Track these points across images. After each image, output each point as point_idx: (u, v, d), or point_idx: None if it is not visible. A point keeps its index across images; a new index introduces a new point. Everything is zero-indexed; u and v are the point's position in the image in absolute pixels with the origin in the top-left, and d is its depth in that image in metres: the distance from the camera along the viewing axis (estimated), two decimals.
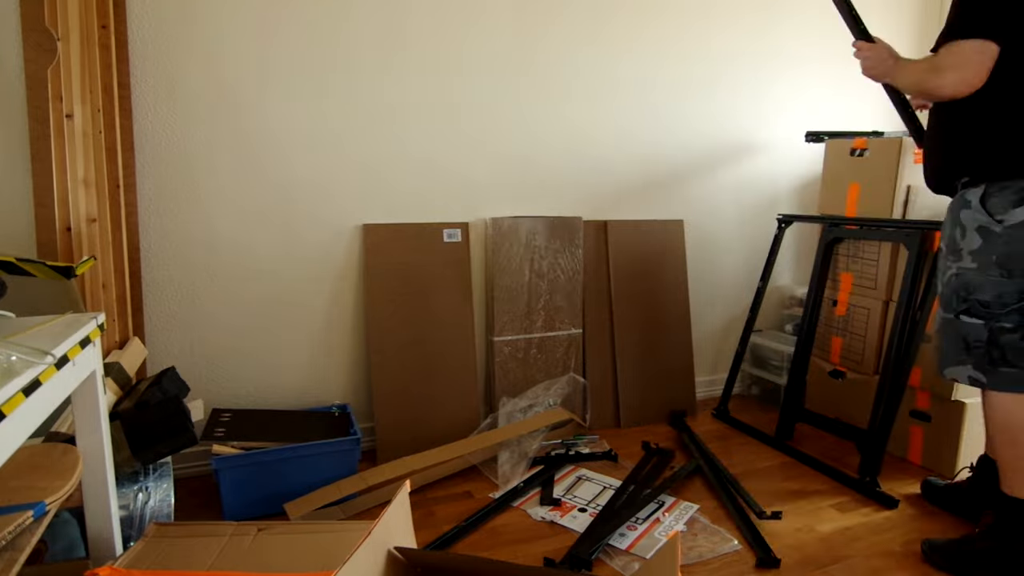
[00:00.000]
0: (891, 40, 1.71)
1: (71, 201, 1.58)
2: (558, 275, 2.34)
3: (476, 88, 2.20)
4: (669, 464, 2.06)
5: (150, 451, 1.46)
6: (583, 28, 2.32)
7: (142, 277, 1.88)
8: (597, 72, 2.37)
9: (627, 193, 2.50)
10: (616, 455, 2.13)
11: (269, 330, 2.06)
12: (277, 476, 1.73)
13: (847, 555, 1.61)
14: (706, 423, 2.46)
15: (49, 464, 1.12)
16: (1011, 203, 1.42)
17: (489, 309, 2.30)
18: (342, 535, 1.24)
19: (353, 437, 1.82)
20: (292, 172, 2.01)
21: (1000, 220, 1.42)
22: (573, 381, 2.31)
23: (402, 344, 2.14)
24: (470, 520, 1.72)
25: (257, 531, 1.26)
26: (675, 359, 2.52)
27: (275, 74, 1.95)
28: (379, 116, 2.09)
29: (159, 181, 1.88)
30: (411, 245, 2.17)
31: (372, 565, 1.03)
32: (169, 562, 1.15)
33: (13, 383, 0.81)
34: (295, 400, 2.12)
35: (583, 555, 1.52)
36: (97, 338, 1.13)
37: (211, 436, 1.75)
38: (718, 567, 1.55)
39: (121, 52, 1.75)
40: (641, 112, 2.46)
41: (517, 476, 1.96)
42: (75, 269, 1.40)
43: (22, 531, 0.96)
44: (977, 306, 1.47)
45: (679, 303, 2.54)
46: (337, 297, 2.13)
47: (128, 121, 1.79)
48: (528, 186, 2.34)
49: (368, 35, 2.04)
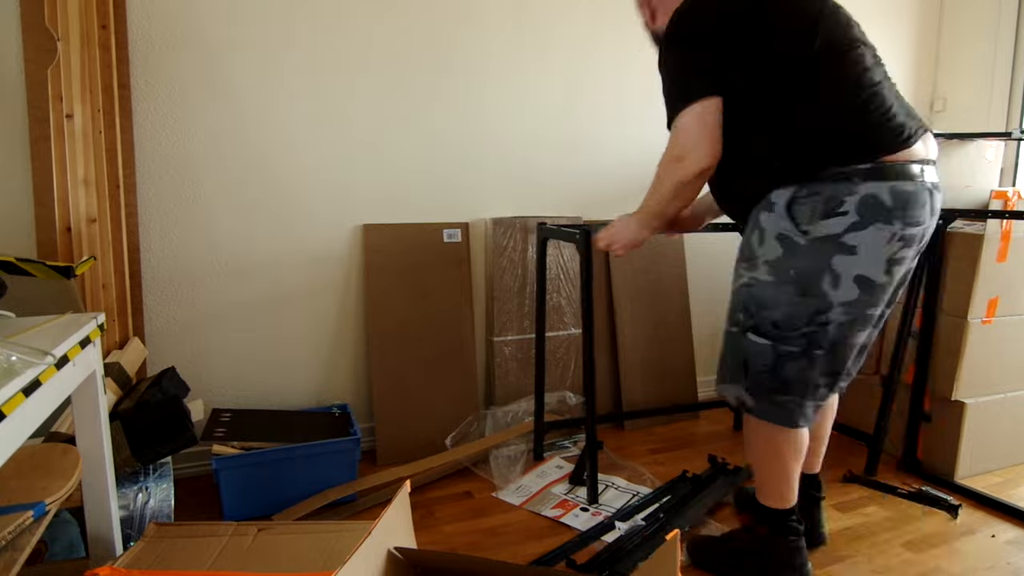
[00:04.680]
0: (887, 47, 1.70)
1: (71, 201, 1.58)
2: (558, 275, 2.34)
3: (476, 88, 2.20)
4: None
5: (150, 451, 1.46)
6: (584, 28, 2.32)
7: (142, 277, 1.88)
8: (598, 72, 2.36)
9: (627, 193, 2.49)
10: (601, 443, 2.10)
11: (269, 330, 2.06)
12: (277, 476, 1.73)
13: (847, 555, 1.61)
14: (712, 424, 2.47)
15: (49, 464, 1.12)
16: (820, 212, 1.26)
17: (489, 309, 2.30)
18: (342, 535, 1.24)
19: (353, 437, 1.82)
20: (292, 172, 2.01)
21: (805, 231, 1.27)
22: (563, 398, 2.29)
23: (402, 344, 2.14)
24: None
25: (257, 531, 1.26)
26: (676, 358, 2.52)
27: (275, 74, 1.95)
28: (379, 116, 2.09)
29: (159, 181, 1.88)
30: (411, 245, 2.17)
31: (372, 565, 1.03)
32: (169, 562, 1.15)
33: (13, 383, 0.81)
34: (295, 400, 2.12)
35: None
36: (97, 338, 1.13)
37: (211, 436, 1.75)
38: None
39: (121, 52, 1.75)
40: (641, 112, 2.46)
41: (515, 476, 1.97)
42: (75, 269, 1.40)
43: (22, 531, 0.96)
44: (767, 325, 1.33)
45: (679, 302, 2.54)
46: (337, 297, 2.13)
47: (128, 121, 1.79)
48: (529, 186, 2.34)
49: (369, 36, 2.04)
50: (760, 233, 1.33)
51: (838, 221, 1.25)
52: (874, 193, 1.23)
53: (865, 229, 1.24)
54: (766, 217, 1.32)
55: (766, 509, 1.47)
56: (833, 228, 1.25)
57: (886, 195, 1.23)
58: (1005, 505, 1.82)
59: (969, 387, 1.97)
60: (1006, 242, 1.91)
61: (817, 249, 1.27)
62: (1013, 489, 1.94)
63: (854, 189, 1.24)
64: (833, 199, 1.25)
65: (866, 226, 1.24)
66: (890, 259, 1.26)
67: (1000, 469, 2.07)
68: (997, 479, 2.01)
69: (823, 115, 1.28)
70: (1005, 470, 2.07)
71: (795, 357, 1.31)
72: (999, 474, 2.04)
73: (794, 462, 1.42)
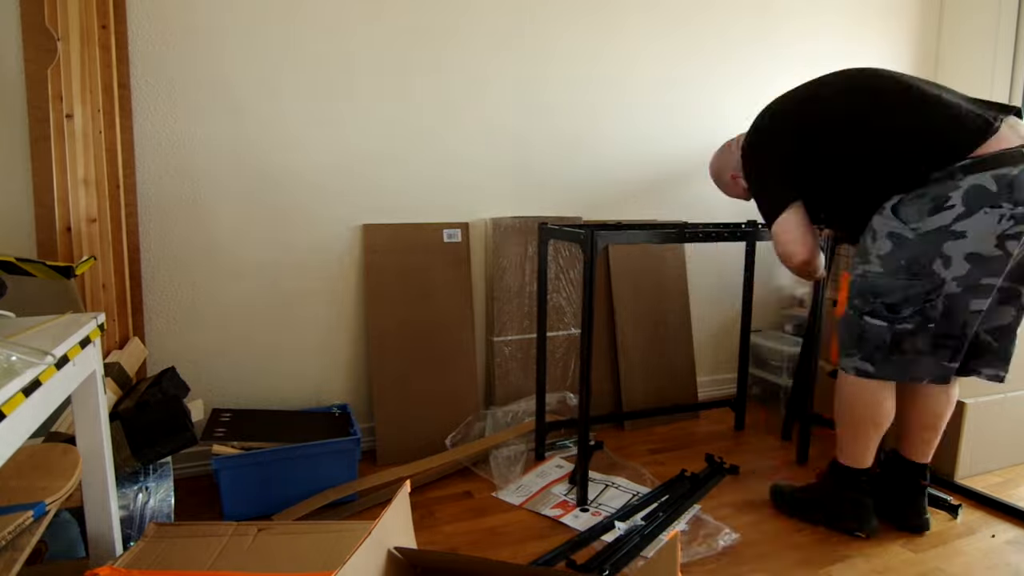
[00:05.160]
0: (889, 47, 1.73)
1: (71, 201, 1.58)
2: (558, 275, 2.34)
3: (477, 88, 2.20)
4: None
5: (150, 451, 1.46)
6: (584, 29, 2.32)
7: (142, 277, 1.88)
8: (601, 72, 2.37)
9: (627, 193, 2.50)
10: (602, 443, 2.18)
11: (269, 330, 2.06)
12: (277, 476, 1.73)
13: (847, 555, 1.61)
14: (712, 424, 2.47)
15: (49, 464, 1.11)
16: (927, 210, 1.46)
17: (489, 309, 2.30)
18: (342, 535, 1.24)
19: (353, 437, 1.81)
20: (292, 172, 2.01)
21: (915, 228, 1.48)
22: (563, 399, 2.29)
23: (402, 344, 2.14)
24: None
25: (257, 531, 1.25)
26: (677, 358, 2.52)
27: (275, 74, 1.95)
28: (379, 116, 2.09)
29: (159, 181, 1.88)
30: (411, 245, 2.17)
31: (372, 565, 1.03)
32: (169, 562, 1.15)
33: (13, 383, 0.81)
34: (295, 400, 2.12)
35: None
36: (97, 338, 1.13)
37: (211, 436, 1.75)
38: (715, 568, 1.55)
39: (121, 52, 1.75)
40: (641, 112, 2.46)
41: (515, 476, 1.97)
42: (75, 269, 1.40)
43: (22, 531, 0.96)
44: (881, 308, 1.53)
45: (679, 302, 2.54)
46: (337, 297, 2.13)
47: (128, 121, 1.79)
48: (528, 186, 2.34)
49: (369, 35, 2.04)
50: (872, 233, 1.55)
51: (946, 214, 1.43)
52: (978, 184, 1.41)
53: (973, 216, 1.41)
54: (877, 219, 1.54)
55: (839, 466, 1.72)
56: (943, 220, 1.44)
57: (990, 183, 1.40)
58: (1005, 505, 1.82)
59: (969, 387, 1.97)
60: None
61: (928, 240, 1.46)
62: (1013, 489, 1.94)
63: (958, 184, 1.42)
64: (940, 196, 1.44)
65: (973, 212, 1.41)
66: (1002, 235, 1.41)
67: (1000, 469, 2.07)
68: (997, 479, 2.01)
69: (904, 138, 1.50)
70: (1005, 470, 2.07)
71: (911, 333, 1.51)
72: (999, 474, 2.04)
73: (872, 428, 1.64)
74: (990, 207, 1.40)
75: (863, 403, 1.63)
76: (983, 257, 1.43)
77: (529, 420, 2.14)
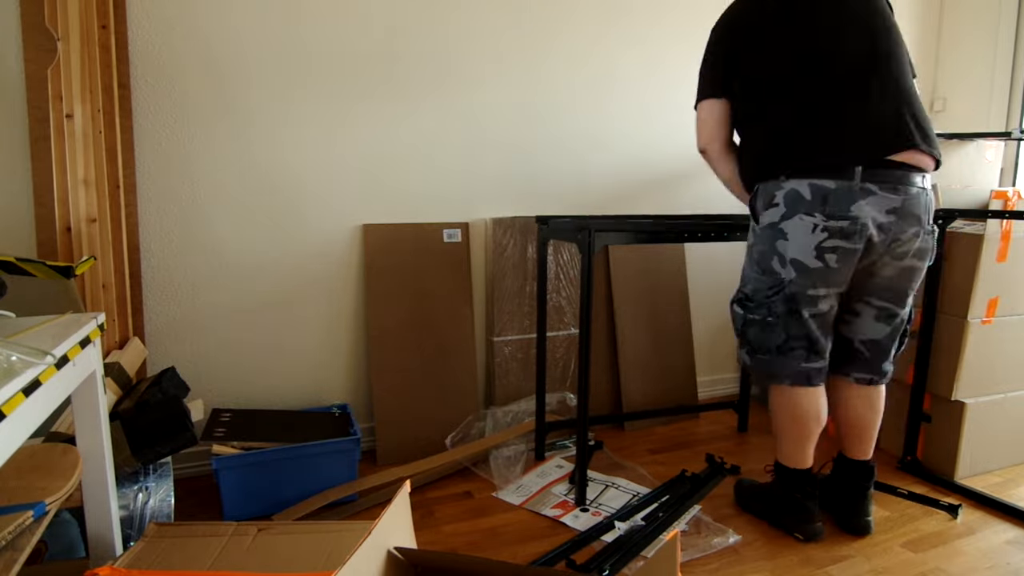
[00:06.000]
0: None
1: (71, 201, 1.58)
2: (558, 275, 2.34)
3: (477, 88, 2.20)
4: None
5: (150, 451, 1.46)
6: (584, 29, 2.32)
7: (142, 277, 1.88)
8: (600, 73, 2.37)
9: (627, 193, 2.50)
10: (602, 443, 2.19)
11: (269, 330, 2.06)
12: (277, 476, 1.73)
13: (847, 555, 1.61)
14: (712, 424, 2.47)
15: (49, 464, 1.11)
16: (764, 205, 1.53)
17: (489, 309, 2.30)
18: (342, 535, 1.24)
19: (353, 437, 1.81)
20: (292, 172, 2.01)
21: (759, 220, 1.55)
22: (563, 399, 2.30)
23: (402, 344, 2.14)
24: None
25: (257, 531, 1.26)
26: (676, 358, 2.52)
27: (276, 74, 1.95)
28: (379, 116, 2.09)
29: (159, 181, 1.88)
30: (411, 245, 2.17)
31: (372, 565, 1.03)
32: (169, 562, 1.15)
33: (13, 383, 0.81)
34: (295, 400, 2.12)
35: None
36: (97, 338, 1.13)
37: (211, 436, 1.75)
38: (715, 568, 1.55)
39: (121, 52, 1.75)
40: (641, 112, 2.46)
41: (515, 476, 1.97)
42: (75, 269, 1.40)
43: (22, 531, 0.96)
44: (743, 298, 1.62)
45: (679, 302, 2.54)
46: (337, 297, 2.13)
47: (128, 121, 1.79)
48: (529, 186, 2.34)
49: (369, 34, 2.04)
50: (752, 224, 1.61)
51: (774, 212, 1.51)
52: (795, 188, 1.47)
53: (791, 219, 1.48)
54: (754, 200, 1.59)
55: (779, 465, 1.71)
56: (773, 217, 1.51)
57: (805, 190, 1.45)
58: (1005, 505, 1.82)
59: (969, 387, 1.97)
60: (1006, 242, 1.91)
61: (767, 235, 1.53)
62: (1013, 489, 1.94)
63: (781, 185, 1.49)
64: (769, 193, 1.52)
65: (791, 216, 1.48)
66: (819, 247, 1.46)
67: (1000, 469, 2.07)
68: (997, 479, 2.01)
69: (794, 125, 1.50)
70: (1005, 470, 2.07)
71: (755, 323, 1.58)
72: (999, 474, 2.04)
73: (793, 425, 1.63)
74: (805, 214, 1.45)
75: (781, 401, 1.64)
76: (806, 267, 1.48)
77: (529, 420, 2.14)
